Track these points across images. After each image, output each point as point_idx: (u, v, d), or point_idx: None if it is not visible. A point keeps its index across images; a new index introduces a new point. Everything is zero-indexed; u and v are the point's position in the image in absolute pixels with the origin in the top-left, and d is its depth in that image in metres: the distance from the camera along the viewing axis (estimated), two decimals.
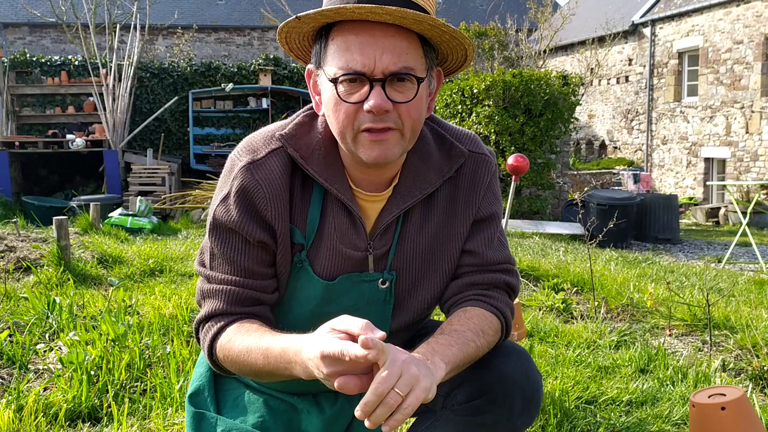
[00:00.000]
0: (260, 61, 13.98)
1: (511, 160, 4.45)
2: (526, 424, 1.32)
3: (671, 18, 16.90)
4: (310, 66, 1.27)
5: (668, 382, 2.59)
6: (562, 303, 3.81)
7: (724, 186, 9.67)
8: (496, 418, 1.28)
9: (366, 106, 1.16)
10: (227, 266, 1.29)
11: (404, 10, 1.11)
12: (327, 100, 1.21)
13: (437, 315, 2.32)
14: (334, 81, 1.17)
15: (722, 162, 15.83)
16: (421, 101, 1.21)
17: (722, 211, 14.45)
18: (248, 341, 1.21)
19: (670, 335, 3.41)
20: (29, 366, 2.60)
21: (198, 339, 1.34)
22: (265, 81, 13.57)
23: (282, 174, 1.25)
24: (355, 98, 1.17)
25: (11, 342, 2.79)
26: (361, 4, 1.12)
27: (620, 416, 2.27)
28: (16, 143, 11.68)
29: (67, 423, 2.12)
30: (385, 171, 1.29)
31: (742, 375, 2.80)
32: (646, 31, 17.68)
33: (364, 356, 0.99)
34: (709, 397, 1.30)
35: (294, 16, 1.18)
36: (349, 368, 1.03)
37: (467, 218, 1.37)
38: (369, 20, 1.15)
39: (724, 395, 1.29)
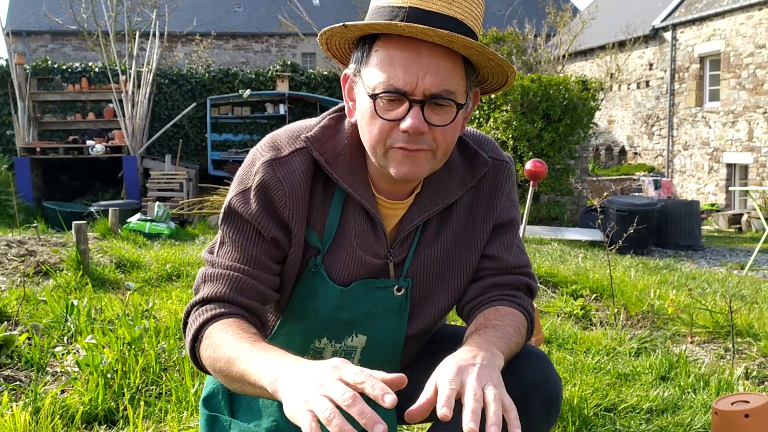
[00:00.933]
0: (278, 67, 14.07)
1: (529, 165, 4.41)
2: (546, 429, 1.30)
3: (692, 22, 16.74)
4: (347, 71, 1.24)
5: (690, 390, 2.54)
6: (581, 309, 3.77)
7: (747, 192, 9.53)
8: None
9: (403, 126, 1.13)
10: (236, 253, 1.25)
11: (455, 35, 1.08)
12: (362, 111, 1.19)
13: (453, 320, 2.30)
14: (373, 97, 1.14)
15: (745, 168, 15.62)
16: (458, 126, 1.19)
17: (745, 217, 14.24)
18: (225, 339, 1.14)
19: (691, 342, 3.35)
20: (47, 369, 2.61)
21: (185, 324, 1.27)
22: (283, 87, 13.64)
23: (304, 174, 1.24)
24: (392, 116, 1.14)
25: (30, 345, 2.81)
26: (412, 24, 1.08)
27: (640, 424, 2.23)
28: (38, 149, 11.85)
29: (84, 425, 2.13)
30: (410, 182, 1.28)
31: (766, 383, 2.74)
32: (667, 35, 17.53)
33: None
34: (732, 404, 1.26)
35: (341, 24, 1.15)
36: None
37: (487, 226, 1.36)
38: (416, 37, 1.12)
39: (748, 402, 1.25)
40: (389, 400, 0.90)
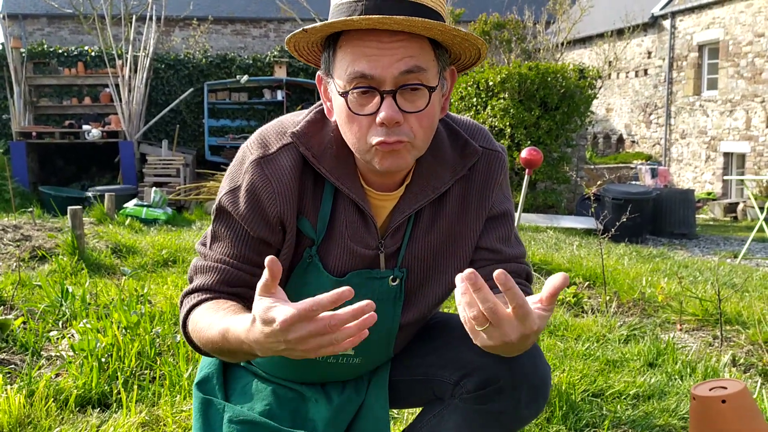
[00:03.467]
0: (275, 53, 14.01)
1: (524, 153, 4.41)
2: (533, 415, 1.33)
3: (691, 10, 16.68)
4: (320, 72, 1.25)
5: (676, 377, 2.58)
6: (573, 297, 3.80)
7: (743, 181, 9.54)
8: (503, 408, 1.29)
9: (378, 118, 1.14)
10: (227, 248, 1.30)
11: (413, 19, 1.09)
12: (338, 111, 1.20)
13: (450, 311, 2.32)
14: (344, 95, 1.16)
15: (742, 157, 15.63)
16: (434, 109, 1.19)
17: (740, 206, 14.28)
18: (214, 317, 1.20)
19: (680, 330, 3.39)
20: (42, 352, 2.64)
21: (181, 311, 1.33)
22: (280, 73, 13.60)
23: (292, 170, 1.25)
24: (366, 110, 1.15)
25: (25, 329, 2.84)
26: (368, 16, 1.09)
27: (626, 409, 2.27)
28: (34, 134, 11.82)
29: (77, 408, 2.16)
30: (397, 173, 1.29)
31: (752, 370, 2.78)
32: (666, 23, 17.47)
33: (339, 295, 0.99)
34: (710, 389, 1.29)
35: (301, 29, 1.16)
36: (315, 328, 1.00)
37: (481, 216, 1.36)
38: (377, 28, 1.13)
39: (725, 388, 1.28)
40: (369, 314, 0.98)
